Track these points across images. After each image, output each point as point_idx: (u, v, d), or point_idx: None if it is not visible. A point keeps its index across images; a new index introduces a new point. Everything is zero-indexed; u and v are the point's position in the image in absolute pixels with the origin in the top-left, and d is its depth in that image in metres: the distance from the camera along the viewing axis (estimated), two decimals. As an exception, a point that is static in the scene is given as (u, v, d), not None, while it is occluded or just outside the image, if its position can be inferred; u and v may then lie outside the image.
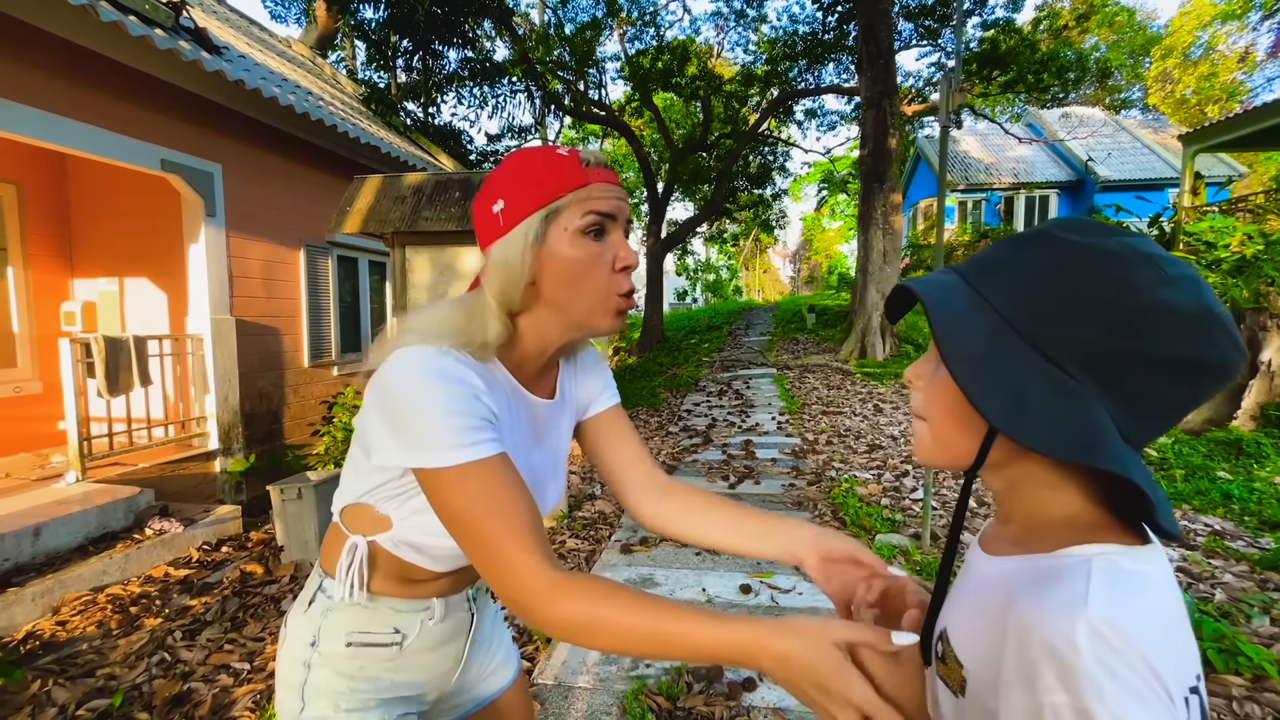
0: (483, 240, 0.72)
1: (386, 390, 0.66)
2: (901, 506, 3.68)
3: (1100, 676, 0.36)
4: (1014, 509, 0.49)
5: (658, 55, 10.74)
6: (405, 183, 3.52)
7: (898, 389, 7.34)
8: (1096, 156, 16.15)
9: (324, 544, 0.85)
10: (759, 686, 1.97)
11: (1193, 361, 0.40)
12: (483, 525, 0.62)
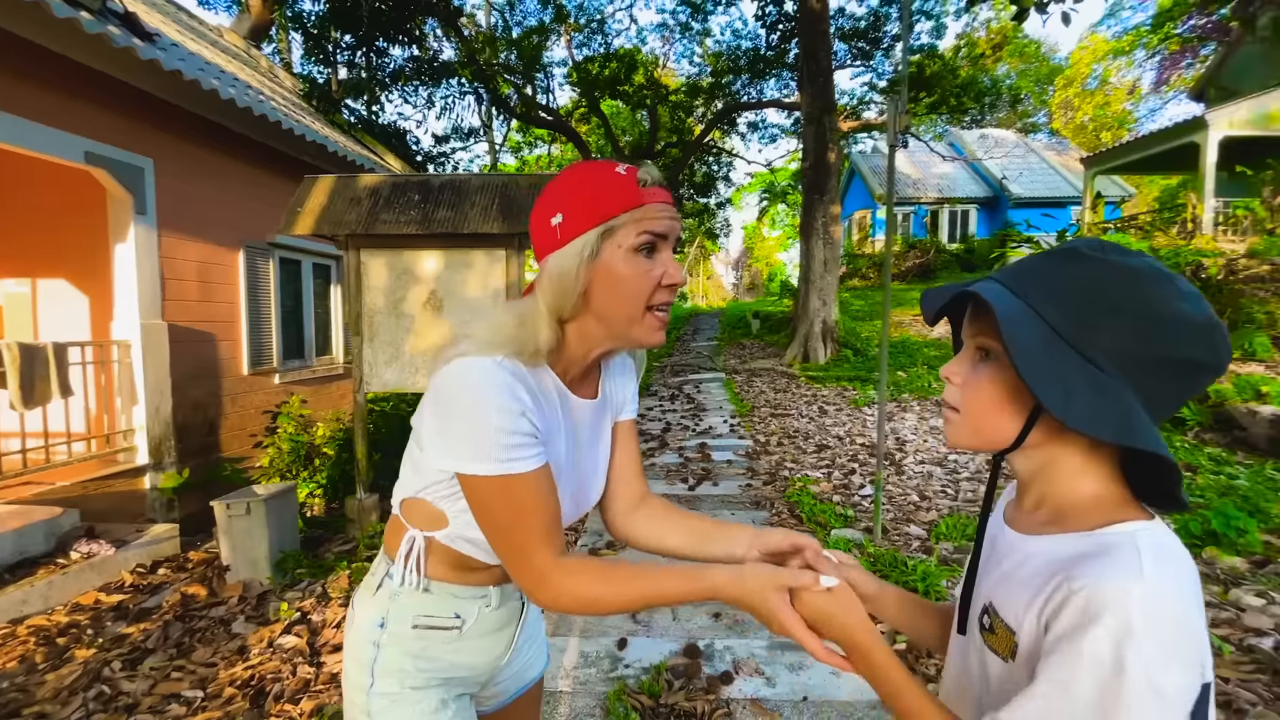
0: (539, 250, 0.76)
1: (443, 397, 0.71)
2: (852, 502, 3.88)
3: (1145, 636, 0.43)
4: (1043, 493, 0.57)
5: (605, 63, 10.84)
6: (360, 184, 3.42)
7: (839, 392, 7.70)
8: (1010, 175, 17.54)
9: (386, 532, 0.90)
10: (736, 679, 2.05)
11: (1200, 363, 0.49)
12: (510, 527, 0.71)
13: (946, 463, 4.65)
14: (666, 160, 12.78)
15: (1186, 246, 8.80)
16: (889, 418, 6.22)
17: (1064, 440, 0.54)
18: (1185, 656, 0.44)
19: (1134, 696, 0.43)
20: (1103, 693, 0.44)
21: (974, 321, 0.59)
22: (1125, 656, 0.43)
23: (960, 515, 3.46)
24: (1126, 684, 0.43)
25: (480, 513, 0.72)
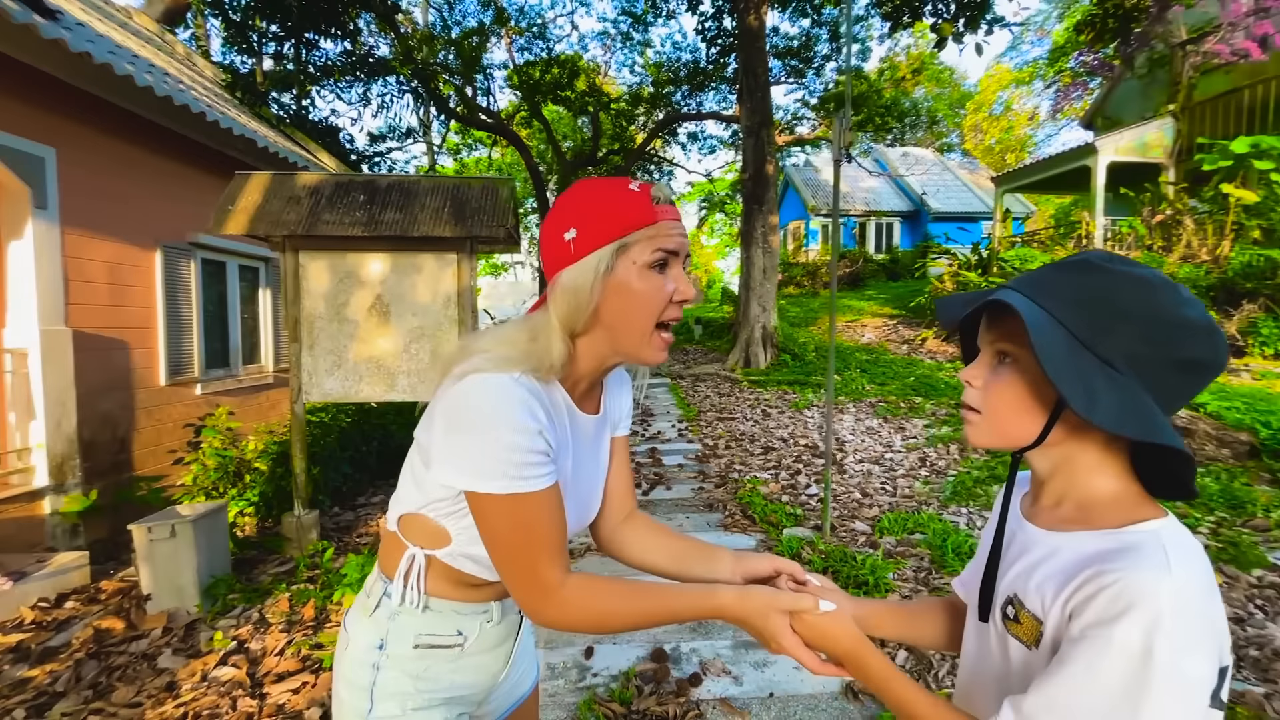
0: (550, 264, 0.76)
1: (458, 413, 0.70)
2: (800, 501, 4.03)
3: (1173, 627, 0.47)
4: (1064, 491, 0.61)
5: (547, 67, 10.78)
6: (300, 182, 3.24)
7: (780, 395, 7.96)
8: (929, 191, 18.81)
9: (381, 549, 0.87)
10: (704, 680, 2.09)
11: (1202, 363, 0.54)
12: (518, 546, 0.70)
13: (883, 461, 4.92)
14: (609, 168, 12.84)
15: (1082, 259, 9.72)
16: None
17: (1081, 438, 0.59)
18: (1207, 645, 0.49)
19: (1161, 682, 0.47)
20: (1131, 678, 0.48)
21: (992, 328, 0.63)
22: (1154, 645, 0.47)
23: (900, 511, 3.66)
24: (1154, 671, 0.47)
25: (487, 531, 0.71)
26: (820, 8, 11.83)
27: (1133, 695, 0.48)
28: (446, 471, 0.71)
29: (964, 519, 3.53)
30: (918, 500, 3.92)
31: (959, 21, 7.21)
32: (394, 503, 0.84)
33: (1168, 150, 10.94)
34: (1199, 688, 0.48)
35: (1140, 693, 0.47)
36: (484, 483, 0.68)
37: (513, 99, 13.26)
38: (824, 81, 13.73)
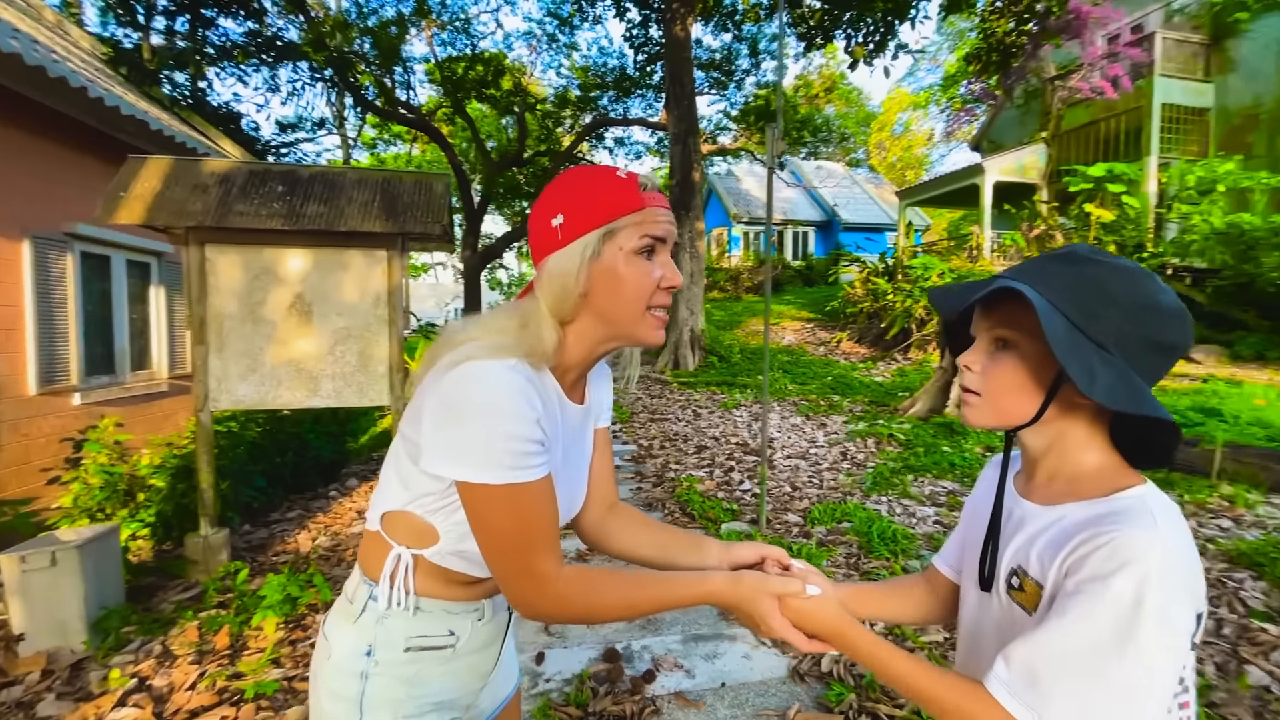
0: (538, 250, 0.75)
1: (452, 402, 0.68)
2: (735, 497, 4.16)
3: (1161, 580, 0.53)
4: (1056, 467, 0.67)
5: (471, 64, 10.49)
6: (207, 169, 2.97)
7: (709, 396, 8.18)
8: (840, 203, 20.03)
9: (362, 550, 0.82)
10: (658, 676, 2.11)
11: (1176, 344, 0.61)
12: (513, 538, 0.69)
13: (809, 456, 5.17)
14: (536, 169, 12.68)
15: (974, 268, 10.74)
16: (755, 419, 6.75)
17: (1072, 416, 0.65)
18: (1188, 595, 0.55)
19: (1149, 628, 0.52)
20: (1121, 625, 0.53)
21: (989, 316, 0.68)
22: (1145, 596, 0.53)
23: (828, 502, 3.87)
24: (1143, 618, 0.52)
25: (481, 523, 0.69)
26: (740, 24, 12.32)
27: (1121, 640, 0.53)
28: (438, 463, 0.68)
29: (884, 507, 3.78)
30: (842, 491, 4.16)
31: (869, 45, 7.77)
32: (376, 501, 0.80)
33: (1041, 172, 12.31)
34: (1181, 634, 0.54)
35: (1128, 638, 0.53)
36: (480, 473, 0.66)
37: (433, 94, 12.79)
38: (744, 95, 14.30)
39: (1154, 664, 0.53)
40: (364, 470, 5.31)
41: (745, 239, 19.73)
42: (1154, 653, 0.53)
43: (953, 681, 0.64)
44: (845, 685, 1.98)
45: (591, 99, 12.60)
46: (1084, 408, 0.64)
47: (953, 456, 4.80)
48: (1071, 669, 0.55)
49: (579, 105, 12.92)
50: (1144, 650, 0.53)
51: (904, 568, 2.87)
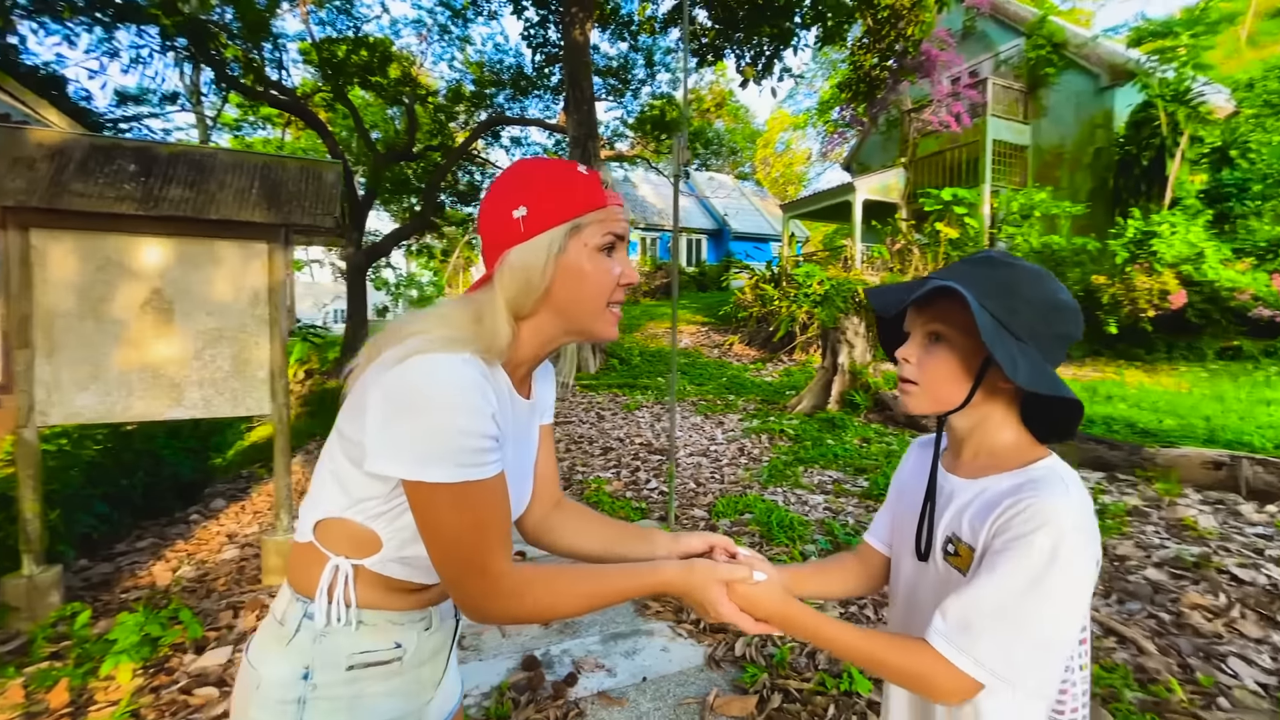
0: (495, 243, 0.73)
1: (402, 397, 0.64)
2: (643, 496, 4.24)
3: (1072, 537, 0.63)
4: (980, 443, 0.76)
5: (355, 48, 9.77)
6: (34, 140, 2.51)
7: (612, 398, 8.25)
8: (730, 213, 21.09)
9: (291, 566, 0.75)
10: (579, 678, 2.10)
11: (1074, 335, 0.72)
12: (465, 538, 0.66)
13: (709, 453, 5.40)
14: (427, 164, 12.05)
15: (847, 277, 11.80)
16: (658, 419, 6.93)
17: (994, 399, 0.74)
18: (1092, 548, 0.65)
19: (1060, 577, 0.63)
20: (1038, 575, 0.63)
21: (922, 313, 0.76)
22: (1059, 549, 0.63)
23: (729, 495, 4.07)
24: (1058, 568, 0.63)
25: (431, 525, 0.66)
26: (636, 34, 12.59)
27: (1037, 587, 0.63)
28: (385, 462, 0.64)
29: (780, 497, 4.04)
30: (742, 485, 4.39)
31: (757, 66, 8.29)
32: (307, 509, 0.74)
33: (901, 193, 13.82)
34: (1085, 580, 0.65)
35: (1043, 585, 0.63)
36: (432, 471, 0.63)
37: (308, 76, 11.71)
38: (640, 103, 14.62)
39: (1064, 605, 0.64)
40: (231, 489, 4.74)
41: (643, 244, 20.15)
42: (1065, 596, 0.64)
43: (894, 641, 0.71)
44: (758, 666, 2.10)
45: (487, 96, 12.22)
46: (1004, 391, 0.74)
47: (836, 448, 5.24)
48: (998, 614, 0.64)
49: (474, 101, 12.47)
50: (1056, 594, 0.63)
51: (801, 552, 3.09)
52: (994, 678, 0.64)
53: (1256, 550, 2.82)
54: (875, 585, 0.96)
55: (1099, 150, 11.45)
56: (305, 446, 6.46)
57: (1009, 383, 0.69)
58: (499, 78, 12.47)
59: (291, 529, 3.00)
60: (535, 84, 12.56)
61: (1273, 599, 2.37)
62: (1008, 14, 13.19)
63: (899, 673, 0.70)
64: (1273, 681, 1.88)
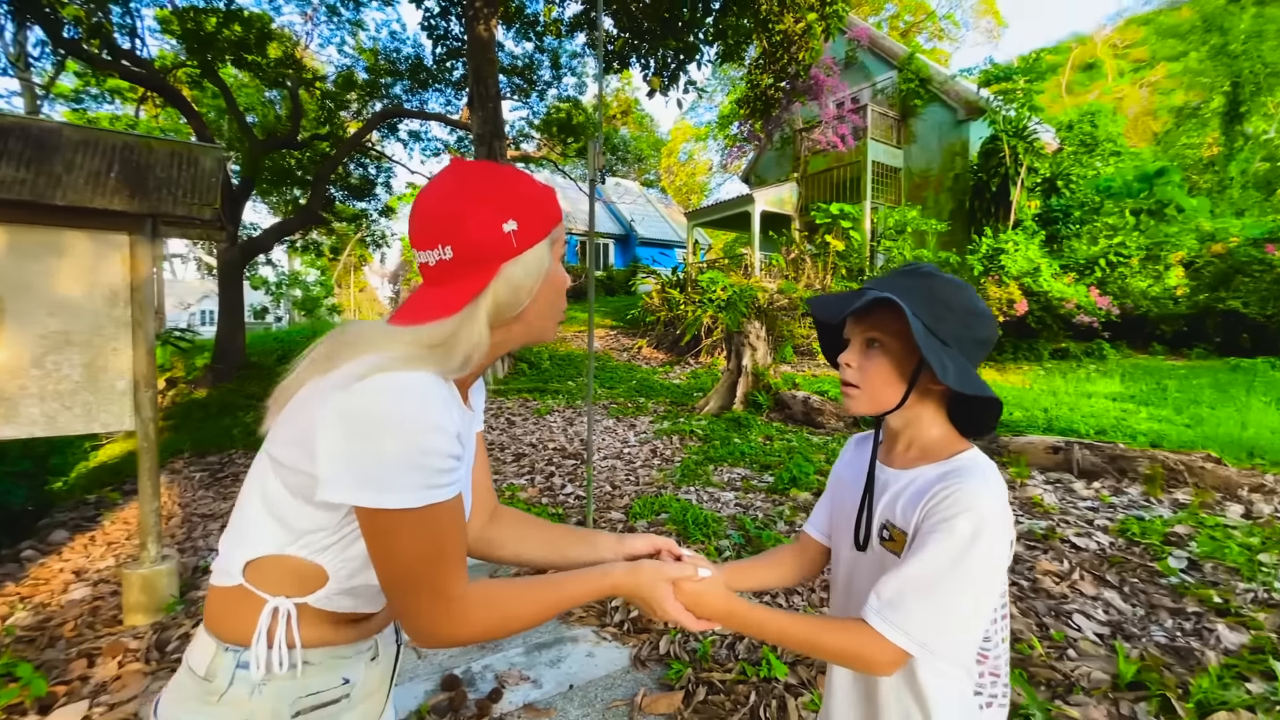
0: (485, 256, 0.69)
1: (365, 419, 0.60)
2: (559, 501, 4.20)
3: (991, 520, 0.70)
4: (912, 439, 0.83)
5: (226, 21, 8.81)
6: None
7: (522, 403, 8.09)
8: (636, 219, 21.41)
9: (213, 614, 0.67)
10: (504, 693, 2.04)
11: (991, 339, 0.80)
12: (425, 565, 0.63)
13: (623, 456, 5.45)
14: (314, 154, 11.09)
15: (748, 284, 12.41)
16: (570, 423, 6.88)
17: (925, 399, 0.82)
18: (1007, 533, 0.73)
19: (978, 557, 0.70)
20: (959, 555, 0.70)
21: (861, 321, 0.83)
22: (980, 532, 0.70)
23: (645, 496, 4.13)
24: (978, 549, 0.70)
25: (388, 552, 0.62)
26: (542, 35, 12.46)
27: (959, 565, 0.70)
28: (344, 491, 0.60)
29: (694, 496, 4.17)
30: (657, 486, 4.47)
31: (663, 77, 8.51)
32: (233, 549, 0.67)
33: (794, 206, 14.77)
34: (1001, 559, 0.73)
35: (964, 563, 0.70)
36: (398, 496, 0.60)
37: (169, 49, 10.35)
38: (546, 105, 14.46)
39: (982, 582, 0.71)
40: (76, 518, 4.10)
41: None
42: (983, 573, 0.71)
43: (830, 623, 0.77)
44: (681, 662, 2.16)
45: (383, 86, 11.49)
46: (934, 392, 0.82)
47: (743, 446, 5.50)
48: (924, 590, 0.71)
49: (367, 91, 11.67)
50: (975, 572, 0.71)
51: (717, 547, 3.21)
52: (921, 648, 0.70)
53: (1088, 521, 3.32)
54: (813, 573, 1.02)
55: (957, 175, 12.96)
56: (169, 465, 5.72)
57: (939, 384, 0.76)
58: (396, 67, 11.78)
59: (160, 559, 2.66)
60: (436, 77, 12.01)
61: (1102, 561, 2.81)
62: (883, 48, 14.57)
63: (837, 651, 0.75)
64: (1107, 631, 2.23)
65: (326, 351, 0.67)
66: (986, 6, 28.73)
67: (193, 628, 2.53)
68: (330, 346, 0.67)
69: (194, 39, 8.14)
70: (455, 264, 0.67)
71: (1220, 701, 1.73)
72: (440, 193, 0.69)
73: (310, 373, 0.66)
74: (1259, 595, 2.39)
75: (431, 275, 0.69)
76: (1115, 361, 8.50)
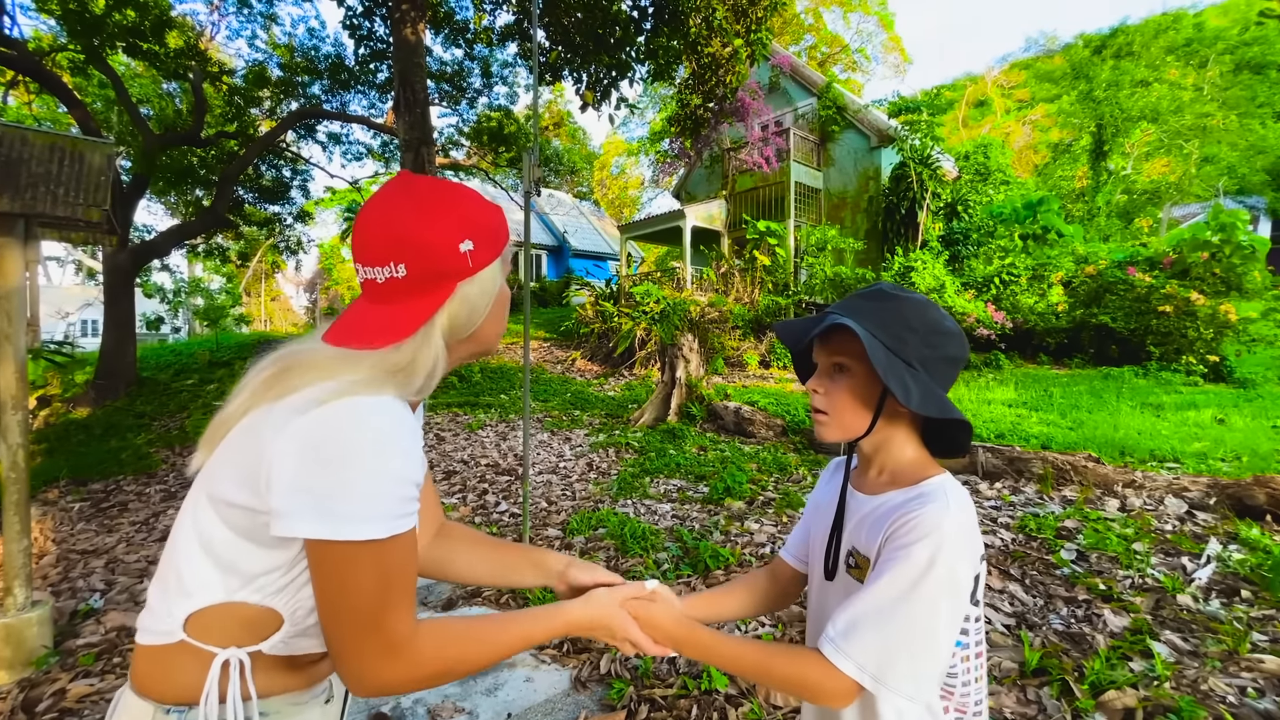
0: (440, 273, 0.66)
1: (330, 446, 0.57)
2: (492, 520, 4.07)
3: (949, 546, 0.67)
4: (883, 464, 0.80)
5: (117, 4, 8.06)
6: None
7: (452, 418, 7.80)
8: (570, 230, 21.35)
9: (145, 672, 0.61)
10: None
11: (959, 358, 0.77)
12: (374, 602, 0.60)
13: (559, 470, 5.37)
14: (220, 152, 10.27)
15: (680, 297, 12.65)
16: (503, 438, 6.71)
17: (895, 422, 0.79)
18: (970, 558, 0.70)
19: (936, 584, 0.67)
20: (916, 580, 0.67)
21: (825, 346, 0.80)
22: (936, 559, 0.67)
23: (582, 511, 4.09)
24: (933, 576, 0.67)
25: (338, 587, 0.57)
26: (472, 42, 12.25)
27: (912, 593, 0.67)
28: (303, 522, 0.55)
29: (631, 509, 4.17)
30: (594, 500, 4.44)
31: (596, 92, 8.58)
32: (171, 603, 0.61)
33: (724, 222, 15.26)
34: (962, 587, 0.70)
35: (917, 591, 0.67)
36: (359, 527, 0.56)
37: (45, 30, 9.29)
38: (476, 113, 14.20)
39: (939, 612, 0.68)
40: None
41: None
42: (937, 601, 0.68)
43: (785, 651, 0.74)
44: (623, 680, 2.14)
45: (299, 84, 10.85)
46: (903, 415, 0.78)
47: (678, 458, 5.56)
48: (876, 619, 0.68)
49: (281, 88, 10.97)
50: (929, 600, 0.67)
51: (655, 560, 3.22)
52: (874, 681, 0.67)
53: (992, 519, 3.61)
54: (788, 600, 0.98)
55: (871, 198, 13.88)
56: (41, 495, 5.07)
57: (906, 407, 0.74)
58: (314, 66, 11.17)
59: (30, 605, 2.34)
60: (358, 78, 11.50)
61: (1006, 556, 3.06)
62: (804, 76, 15.43)
63: (786, 679, 0.72)
64: (1013, 622, 2.43)
65: (271, 377, 0.62)
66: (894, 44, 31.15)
67: (70, 683, 2.24)
68: (275, 371, 0.62)
69: (77, 21, 7.36)
70: (409, 282, 0.65)
71: (1110, 681, 1.92)
72: (392, 208, 0.65)
73: (253, 402, 0.61)
74: (1135, 581, 2.68)
75: (379, 293, 0.65)
76: (1010, 371, 9.33)
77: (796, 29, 26.74)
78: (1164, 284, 8.60)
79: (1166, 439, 5.04)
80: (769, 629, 2.42)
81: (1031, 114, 29.29)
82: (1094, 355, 9.27)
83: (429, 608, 2.85)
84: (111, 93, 8.55)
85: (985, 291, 10.45)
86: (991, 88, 34.84)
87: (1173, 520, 3.38)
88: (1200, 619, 2.34)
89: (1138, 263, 9.45)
